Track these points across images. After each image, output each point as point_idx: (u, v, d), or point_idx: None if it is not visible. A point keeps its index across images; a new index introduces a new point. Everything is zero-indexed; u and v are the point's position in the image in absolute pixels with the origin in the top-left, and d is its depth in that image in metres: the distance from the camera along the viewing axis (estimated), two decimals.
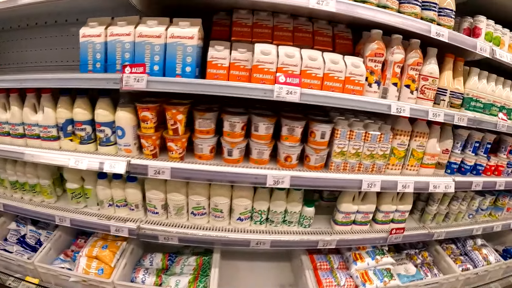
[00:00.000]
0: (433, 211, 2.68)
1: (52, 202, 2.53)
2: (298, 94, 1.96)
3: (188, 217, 2.36)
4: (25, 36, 2.86)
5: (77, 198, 2.43)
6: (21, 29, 2.85)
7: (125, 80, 2.02)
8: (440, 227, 2.74)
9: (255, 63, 1.99)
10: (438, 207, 2.70)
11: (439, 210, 2.71)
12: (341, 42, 2.35)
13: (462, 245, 2.98)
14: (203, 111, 2.13)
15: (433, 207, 2.68)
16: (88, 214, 2.39)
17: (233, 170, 2.12)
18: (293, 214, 2.34)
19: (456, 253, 2.90)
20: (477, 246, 2.97)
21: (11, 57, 2.94)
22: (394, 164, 2.40)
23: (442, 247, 2.88)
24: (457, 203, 2.76)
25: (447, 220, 2.82)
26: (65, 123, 2.30)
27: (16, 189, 2.57)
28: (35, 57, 2.88)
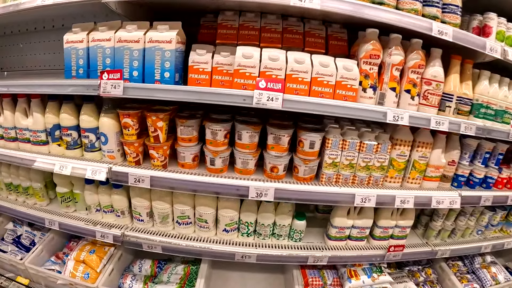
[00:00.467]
0: (437, 226, 2.35)
1: (44, 205, 2.43)
2: (280, 100, 1.73)
3: (173, 226, 2.18)
4: (25, 40, 2.78)
5: (67, 202, 2.31)
6: (21, 33, 2.77)
7: (102, 87, 1.86)
8: (445, 243, 2.40)
9: (236, 67, 1.78)
10: (444, 222, 2.36)
11: (445, 226, 2.38)
12: (335, 43, 2.08)
13: (469, 262, 2.62)
14: (184, 118, 1.94)
15: (438, 223, 2.35)
16: (76, 219, 2.26)
17: (213, 180, 1.91)
18: (282, 227, 2.10)
19: (463, 271, 2.55)
20: (486, 263, 2.61)
21: (13, 61, 2.87)
22: (393, 176, 2.11)
23: (448, 264, 2.55)
24: (465, 218, 2.41)
25: (453, 236, 2.47)
26: (52, 128, 2.18)
27: (10, 190, 2.49)
28: (35, 62, 2.79)
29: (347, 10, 1.73)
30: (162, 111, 1.94)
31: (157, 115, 1.90)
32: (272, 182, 1.94)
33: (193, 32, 2.04)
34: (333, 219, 2.12)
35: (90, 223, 2.21)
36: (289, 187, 1.92)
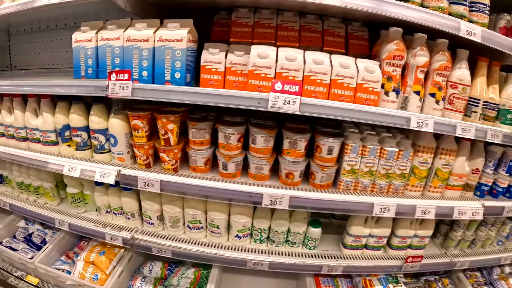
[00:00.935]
0: (457, 237, 2.13)
1: (55, 205, 2.29)
2: (297, 104, 1.54)
3: (184, 230, 2.01)
4: (39, 38, 2.62)
5: (77, 203, 2.16)
6: (35, 31, 2.62)
7: (110, 88, 1.69)
8: (465, 254, 2.18)
9: (250, 67, 1.59)
10: (464, 232, 2.13)
11: (465, 236, 2.15)
12: (355, 42, 1.88)
13: (487, 273, 2.38)
14: (196, 120, 1.77)
15: (458, 233, 2.12)
16: (85, 220, 2.12)
17: (226, 186, 1.73)
18: (297, 234, 1.91)
19: (480, 282, 2.32)
20: (505, 274, 2.36)
21: (26, 59, 2.72)
22: (414, 185, 1.90)
23: (466, 275, 2.31)
24: (486, 228, 2.18)
25: (473, 247, 2.23)
26: (62, 128, 2.03)
27: (22, 189, 2.35)
28: (48, 60, 2.63)
29: (369, 7, 1.52)
30: (173, 113, 1.77)
31: (168, 117, 1.73)
32: (287, 189, 1.75)
33: (206, 30, 1.86)
34: (349, 227, 1.93)
35: (99, 225, 2.06)
36: (305, 195, 1.72)
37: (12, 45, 2.73)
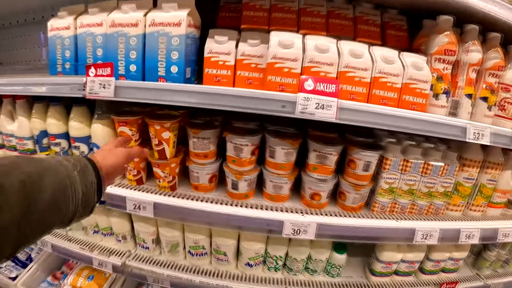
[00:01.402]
0: (492, 257, 1.54)
1: None
2: (334, 109, 0.94)
3: (185, 255, 1.38)
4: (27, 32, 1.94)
5: None
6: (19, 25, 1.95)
7: (89, 86, 1.06)
8: (498, 275, 1.58)
9: (270, 59, 0.97)
10: (498, 252, 1.55)
11: (499, 255, 1.56)
12: (393, 33, 1.25)
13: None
14: (198, 127, 1.14)
15: (493, 253, 1.53)
16: (71, 240, 1.48)
17: (236, 211, 1.12)
18: (319, 262, 1.31)
19: None
20: None
21: (15, 55, 2.02)
22: (456, 204, 1.31)
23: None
24: None
25: (505, 266, 1.62)
26: (39, 135, 1.39)
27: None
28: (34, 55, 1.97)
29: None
30: (169, 118, 1.15)
31: (162, 123, 1.11)
32: (313, 215, 1.14)
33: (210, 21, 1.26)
34: (380, 253, 1.33)
35: (86, 247, 1.43)
36: (336, 222, 1.12)
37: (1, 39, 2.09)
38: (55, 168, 0.64)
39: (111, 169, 0.83)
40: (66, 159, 0.69)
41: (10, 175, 0.53)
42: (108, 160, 0.83)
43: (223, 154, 1.22)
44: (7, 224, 0.50)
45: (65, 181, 0.63)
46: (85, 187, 0.68)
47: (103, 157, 0.83)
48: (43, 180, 0.58)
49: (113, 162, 0.85)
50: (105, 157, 0.84)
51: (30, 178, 0.56)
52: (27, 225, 0.54)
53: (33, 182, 0.56)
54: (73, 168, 0.67)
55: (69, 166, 0.67)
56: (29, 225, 0.55)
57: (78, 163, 0.70)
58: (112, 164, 0.84)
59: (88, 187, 0.70)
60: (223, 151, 1.21)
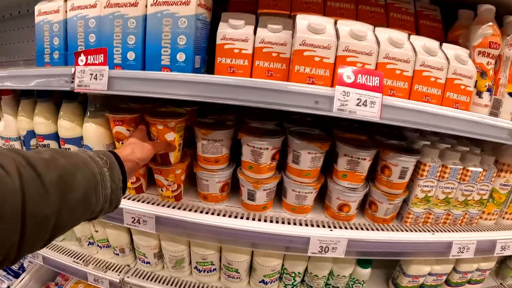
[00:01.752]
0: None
1: None
2: (378, 106, 0.69)
3: (191, 271, 1.10)
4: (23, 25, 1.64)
5: None
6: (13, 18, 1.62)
7: (78, 77, 0.79)
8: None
9: (298, 47, 0.72)
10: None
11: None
12: (426, 23, 0.99)
13: None
14: (208, 127, 0.88)
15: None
16: (64, 252, 1.19)
17: (254, 226, 0.85)
18: (342, 278, 1.04)
19: None
20: None
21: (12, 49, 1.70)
22: (491, 212, 1.06)
23: None
24: None
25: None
26: (26, 135, 1.10)
27: None
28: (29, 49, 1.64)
29: None
30: (174, 116, 0.87)
31: (166, 122, 0.84)
32: (342, 229, 0.88)
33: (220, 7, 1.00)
34: (407, 266, 1.07)
35: (81, 261, 1.15)
36: (369, 237, 0.86)
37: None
38: (88, 163, 0.58)
39: (136, 165, 0.74)
40: (98, 155, 0.62)
41: (49, 168, 0.49)
42: (135, 154, 0.75)
43: (236, 159, 0.96)
44: (49, 213, 0.47)
45: (97, 177, 0.58)
46: (113, 183, 0.62)
47: (131, 150, 0.75)
48: (78, 175, 0.54)
49: (139, 156, 0.76)
50: (133, 150, 0.75)
51: (66, 172, 0.52)
52: (62, 217, 0.50)
53: (69, 176, 0.52)
54: (103, 164, 0.61)
55: (100, 162, 0.61)
56: (64, 216, 0.51)
57: (108, 159, 0.64)
58: (139, 159, 0.75)
59: (116, 184, 0.63)
60: (236, 156, 0.96)
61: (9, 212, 0.41)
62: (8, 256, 0.43)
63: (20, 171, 0.44)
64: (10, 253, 0.43)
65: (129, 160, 0.71)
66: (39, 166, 0.47)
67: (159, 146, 0.86)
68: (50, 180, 0.48)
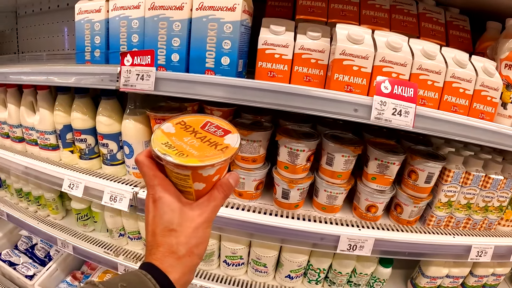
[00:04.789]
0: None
1: (59, 219, 1.40)
2: (412, 115, 0.73)
3: (219, 264, 1.17)
4: (48, 20, 1.68)
5: (84, 220, 1.30)
6: (44, 12, 1.68)
7: (124, 77, 0.84)
8: None
9: (338, 56, 0.76)
10: None
11: None
12: (456, 34, 1.03)
13: None
14: (248, 128, 0.93)
15: None
16: (94, 243, 1.26)
17: (287, 223, 0.90)
18: (364, 276, 1.10)
19: None
20: None
21: (35, 44, 1.75)
22: (509, 219, 1.10)
23: None
24: None
25: None
26: (63, 129, 1.16)
27: (21, 197, 1.45)
28: (60, 44, 1.68)
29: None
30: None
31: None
32: (370, 229, 0.94)
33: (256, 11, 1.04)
34: (426, 267, 1.12)
35: (111, 251, 1.22)
36: (394, 237, 0.91)
37: (20, 28, 1.82)
38: None
39: (199, 258, 0.49)
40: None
41: None
42: (198, 250, 0.47)
43: (271, 159, 1.01)
44: None
45: None
46: None
47: (185, 244, 0.46)
48: None
49: (203, 247, 0.49)
50: (189, 241, 0.46)
51: None
52: None
53: None
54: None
55: None
56: None
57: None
58: (203, 249, 0.49)
59: None
60: (271, 155, 1.01)
61: None
62: None
63: None
64: None
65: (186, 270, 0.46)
66: None
67: (226, 188, 0.50)
68: None
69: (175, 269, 0.44)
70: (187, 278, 0.45)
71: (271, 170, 0.99)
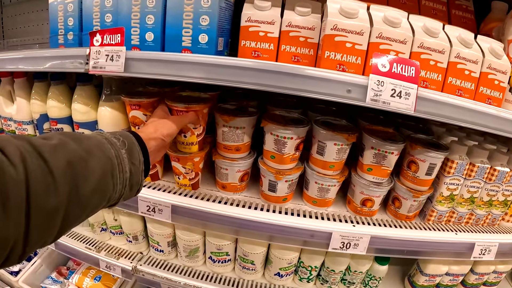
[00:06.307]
0: None
1: None
2: (413, 98, 0.63)
3: (204, 261, 1.09)
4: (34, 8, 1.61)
5: None
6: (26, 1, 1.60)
7: (93, 58, 0.75)
8: None
9: (328, 31, 0.67)
10: None
11: None
12: (459, 14, 0.93)
13: None
14: (230, 113, 0.83)
15: None
16: (76, 238, 1.18)
17: (275, 219, 0.81)
18: (358, 274, 1.01)
19: None
20: None
21: (21, 32, 1.65)
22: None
23: None
24: None
25: None
26: (40, 119, 1.07)
27: None
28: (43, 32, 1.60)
29: None
30: (195, 101, 0.83)
31: (189, 108, 0.79)
32: (365, 225, 0.84)
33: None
34: (425, 265, 1.03)
35: (93, 247, 1.14)
36: (392, 235, 0.82)
37: (5, 17, 1.74)
38: (103, 146, 0.53)
39: (162, 142, 0.69)
40: (114, 136, 0.57)
41: (57, 154, 0.43)
42: (160, 131, 0.70)
43: (257, 148, 0.92)
44: (58, 205, 0.42)
45: (113, 160, 0.53)
46: (133, 166, 0.57)
47: (154, 128, 0.70)
48: (91, 160, 0.48)
49: (165, 133, 0.71)
50: (157, 127, 0.70)
51: (77, 157, 0.46)
52: (73, 208, 0.45)
53: (80, 162, 0.47)
54: (120, 145, 0.56)
55: (117, 144, 0.55)
56: (75, 207, 0.46)
57: (126, 139, 0.58)
58: (165, 135, 0.70)
59: (136, 166, 0.58)
60: (257, 144, 0.92)
61: (12, 205, 0.36)
62: (12, 253, 0.38)
63: (25, 159, 0.39)
64: (14, 250, 0.38)
65: (152, 138, 0.66)
66: (46, 153, 0.42)
67: (185, 119, 0.79)
68: (58, 168, 0.42)
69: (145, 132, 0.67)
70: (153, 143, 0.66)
71: (257, 160, 0.90)
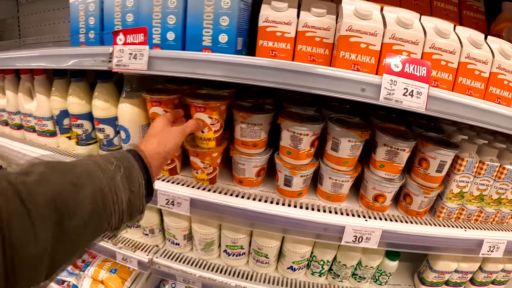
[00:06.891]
0: None
1: None
2: (425, 97, 0.66)
3: (219, 254, 1.13)
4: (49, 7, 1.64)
5: None
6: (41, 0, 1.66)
7: (116, 57, 0.78)
8: None
9: (344, 32, 0.69)
10: None
11: None
12: (470, 15, 0.95)
13: None
14: (248, 110, 0.86)
15: None
16: None
17: (288, 212, 0.84)
18: (369, 268, 1.04)
19: None
20: None
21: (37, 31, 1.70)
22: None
23: None
24: None
25: None
26: (60, 115, 1.12)
27: None
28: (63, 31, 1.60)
29: None
30: (214, 98, 0.85)
31: (207, 104, 0.83)
32: (377, 220, 0.87)
33: None
34: (435, 262, 1.05)
35: (109, 240, 1.21)
36: (402, 229, 0.84)
37: (21, 16, 1.79)
38: (92, 175, 0.48)
39: (167, 155, 0.67)
40: (108, 160, 0.53)
41: (37, 191, 0.39)
42: (163, 145, 0.66)
43: (273, 143, 0.95)
44: (39, 252, 0.38)
45: (105, 190, 0.48)
46: (130, 192, 0.53)
47: (157, 142, 0.66)
48: (78, 193, 0.44)
49: (168, 147, 0.67)
50: (160, 141, 0.67)
51: (62, 192, 0.42)
52: (62, 248, 0.41)
53: (66, 196, 0.42)
54: (114, 171, 0.51)
55: (109, 169, 0.51)
56: (64, 247, 0.42)
57: (121, 163, 0.53)
58: (168, 151, 0.67)
59: (135, 191, 0.53)
60: (273, 140, 0.95)
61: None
62: None
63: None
64: None
65: (155, 154, 0.62)
66: (23, 193, 0.37)
67: (189, 127, 0.76)
68: (38, 208, 0.38)
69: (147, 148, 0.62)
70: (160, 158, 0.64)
71: (273, 156, 0.93)
